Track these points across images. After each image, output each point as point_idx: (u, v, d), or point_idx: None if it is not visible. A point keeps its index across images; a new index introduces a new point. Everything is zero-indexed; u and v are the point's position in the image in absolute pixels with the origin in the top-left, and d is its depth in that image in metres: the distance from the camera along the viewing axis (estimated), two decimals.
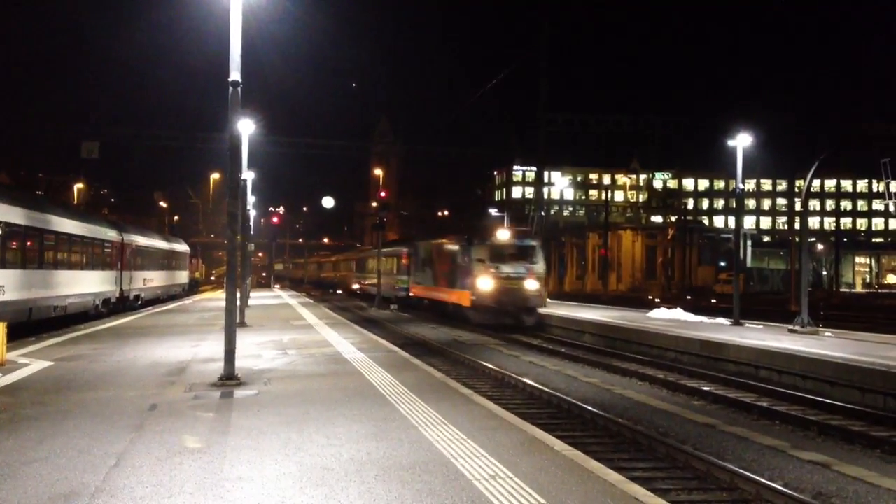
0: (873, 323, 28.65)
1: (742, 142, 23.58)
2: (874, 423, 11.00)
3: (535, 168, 68.27)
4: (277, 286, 72.51)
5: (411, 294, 37.23)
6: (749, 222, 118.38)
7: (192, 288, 55.93)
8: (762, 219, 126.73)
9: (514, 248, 27.11)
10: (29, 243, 20.19)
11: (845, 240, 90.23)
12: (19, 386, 10.93)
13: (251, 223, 34.80)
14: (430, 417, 8.69)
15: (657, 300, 45.68)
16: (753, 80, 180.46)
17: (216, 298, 40.79)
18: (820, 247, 77.02)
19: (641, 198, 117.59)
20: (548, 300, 28.23)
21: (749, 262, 77.73)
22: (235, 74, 11.59)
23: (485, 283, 25.76)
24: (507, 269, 26.14)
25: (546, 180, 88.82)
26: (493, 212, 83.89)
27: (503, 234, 27.88)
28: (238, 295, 13.90)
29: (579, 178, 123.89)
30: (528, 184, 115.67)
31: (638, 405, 12.66)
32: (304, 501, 5.74)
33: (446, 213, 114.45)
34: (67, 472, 6.45)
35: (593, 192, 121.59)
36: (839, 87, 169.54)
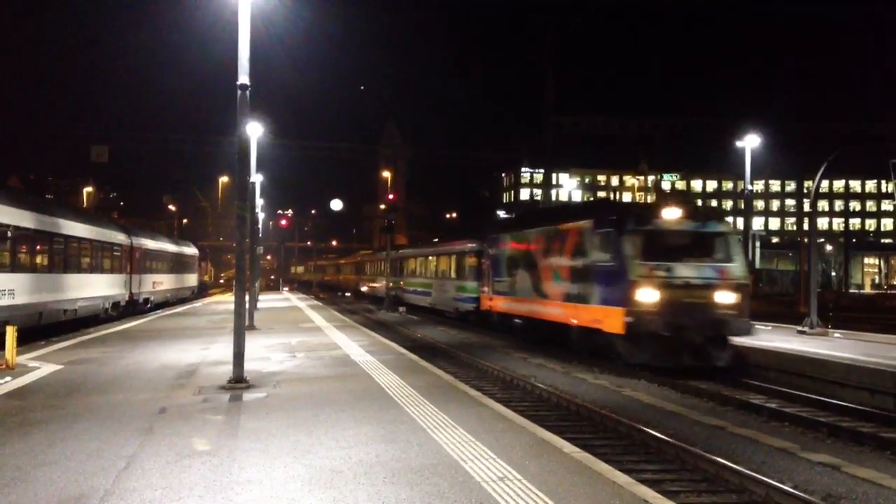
0: (883, 324, 28.51)
1: (750, 143, 23.58)
2: (884, 425, 10.95)
3: (542, 170, 68.22)
4: (286, 289, 72.71)
5: (487, 308, 25.94)
6: (758, 223, 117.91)
7: (202, 291, 56.15)
8: (771, 220, 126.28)
9: (694, 237, 16.84)
10: (39, 247, 20.30)
11: (854, 241, 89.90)
12: (30, 389, 10.98)
13: (260, 226, 34.99)
14: (439, 420, 8.70)
15: None
16: (761, 80, 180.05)
17: (225, 301, 40.92)
18: (829, 248, 76.72)
19: (650, 199, 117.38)
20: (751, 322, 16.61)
21: (758, 264, 77.17)
22: (244, 78, 11.65)
23: (649, 294, 15.70)
24: (684, 270, 16.10)
25: (554, 182, 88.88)
26: (502, 213, 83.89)
27: (672, 213, 16.83)
28: (247, 298, 13.94)
29: (587, 180, 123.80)
30: (536, 186, 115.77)
31: (647, 407, 12.63)
32: None
33: (454, 214, 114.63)
34: (77, 474, 6.48)
35: (602, 194, 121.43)
36: (847, 86, 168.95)
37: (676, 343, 15.57)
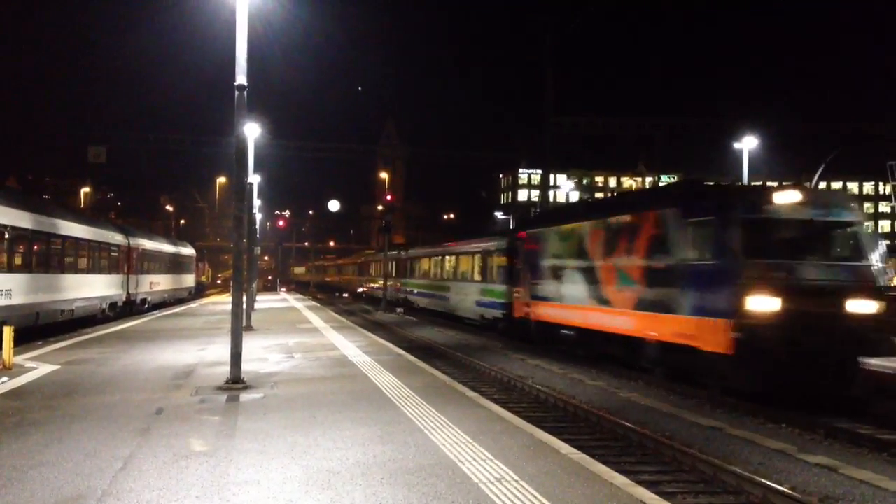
0: None
1: (748, 144, 23.63)
2: (881, 426, 10.95)
3: (540, 171, 68.19)
4: (284, 289, 72.71)
5: (522, 316, 21.90)
6: None
7: (199, 291, 56.12)
8: None
9: (817, 228, 13.20)
10: (36, 247, 20.27)
11: None
12: (27, 390, 10.97)
13: (257, 227, 34.99)
14: (436, 420, 8.70)
15: None
16: (761, 80, 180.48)
17: (222, 302, 40.90)
18: None
19: None
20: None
21: None
22: (241, 78, 11.65)
23: (766, 302, 11.96)
24: (809, 271, 12.50)
25: (552, 183, 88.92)
26: (499, 214, 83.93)
27: (789, 197, 13.02)
28: (244, 298, 13.94)
29: (585, 181, 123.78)
30: (534, 187, 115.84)
31: (644, 408, 12.62)
32: None
33: (452, 215, 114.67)
34: (74, 475, 6.47)
35: (599, 195, 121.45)
36: (847, 86, 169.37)
37: (799, 366, 11.79)
